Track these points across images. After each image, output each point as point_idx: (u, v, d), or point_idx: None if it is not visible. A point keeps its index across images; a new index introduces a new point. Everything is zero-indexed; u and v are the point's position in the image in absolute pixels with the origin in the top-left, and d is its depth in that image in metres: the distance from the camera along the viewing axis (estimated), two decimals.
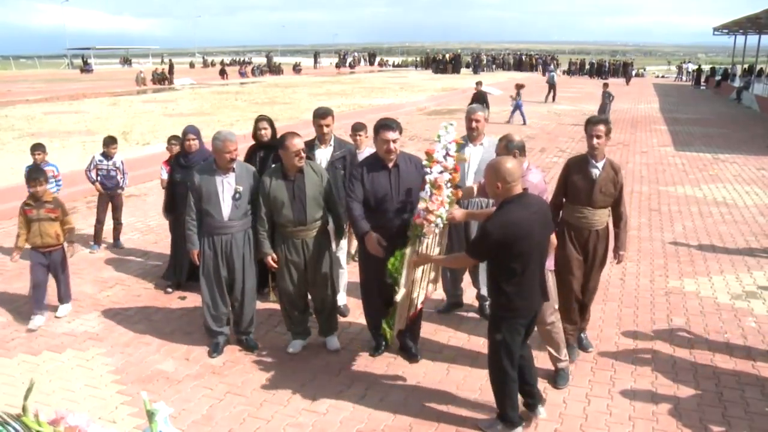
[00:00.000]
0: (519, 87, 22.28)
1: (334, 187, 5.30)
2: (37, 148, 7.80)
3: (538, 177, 4.76)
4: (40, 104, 26.36)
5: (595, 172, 5.01)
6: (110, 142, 8.22)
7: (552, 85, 30.86)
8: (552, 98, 30.46)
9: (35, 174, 6.01)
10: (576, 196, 5.09)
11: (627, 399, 4.68)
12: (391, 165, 4.87)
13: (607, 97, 21.04)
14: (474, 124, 5.63)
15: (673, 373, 5.04)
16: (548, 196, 4.89)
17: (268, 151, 6.16)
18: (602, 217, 5.10)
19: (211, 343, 5.45)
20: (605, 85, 22.03)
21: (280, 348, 5.48)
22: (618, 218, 5.15)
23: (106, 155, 8.15)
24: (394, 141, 4.81)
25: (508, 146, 4.71)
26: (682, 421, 4.39)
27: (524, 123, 21.41)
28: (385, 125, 4.86)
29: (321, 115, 5.73)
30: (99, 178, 8.14)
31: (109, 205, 8.28)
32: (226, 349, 5.45)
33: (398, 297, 4.34)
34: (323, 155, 5.78)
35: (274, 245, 5.22)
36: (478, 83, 19.79)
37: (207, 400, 4.69)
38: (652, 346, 5.51)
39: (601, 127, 4.97)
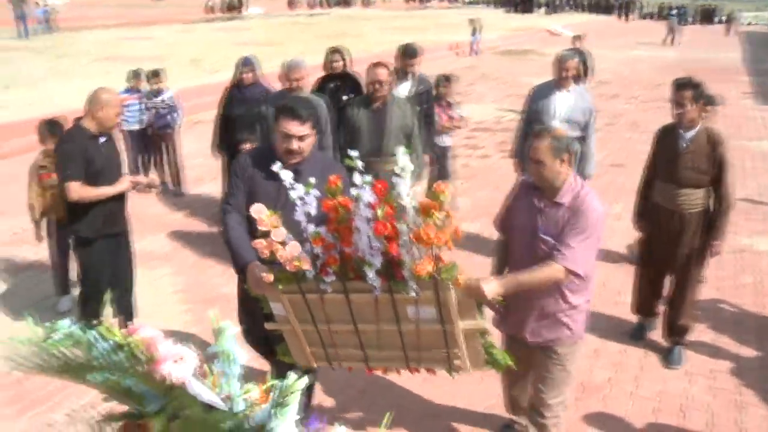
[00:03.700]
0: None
1: (415, 126, 5.18)
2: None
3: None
4: (116, 29, 26.88)
5: (682, 143, 4.24)
6: (152, 76, 7.64)
7: (673, 29, 30.78)
8: (671, 41, 30.29)
9: (53, 128, 4.70)
10: (661, 170, 4.39)
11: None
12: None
13: None
14: (564, 74, 5.55)
15: (736, 333, 4.92)
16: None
17: (341, 81, 6.14)
18: (693, 198, 4.23)
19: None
20: None
21: None
22: (718, 201, 4.23)
23: (154, 92, 7.63)
24: (301, 138, 3.01)
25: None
26: (742, 380, 4.31)
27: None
28: (287, 110, 3.03)
29: (410, 54, 5.67)
30: (147, 117, 7.62)
31: (163, 147, 7.78)
32: None
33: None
34: (401, 90, 5.74)
35: None
36: (576, 37, 15.34)
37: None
38: (715, 303, 5.36)
39: (687, 93, 4.10)
